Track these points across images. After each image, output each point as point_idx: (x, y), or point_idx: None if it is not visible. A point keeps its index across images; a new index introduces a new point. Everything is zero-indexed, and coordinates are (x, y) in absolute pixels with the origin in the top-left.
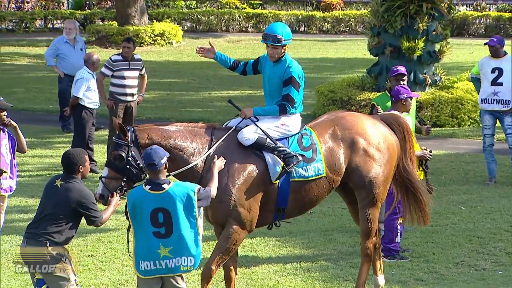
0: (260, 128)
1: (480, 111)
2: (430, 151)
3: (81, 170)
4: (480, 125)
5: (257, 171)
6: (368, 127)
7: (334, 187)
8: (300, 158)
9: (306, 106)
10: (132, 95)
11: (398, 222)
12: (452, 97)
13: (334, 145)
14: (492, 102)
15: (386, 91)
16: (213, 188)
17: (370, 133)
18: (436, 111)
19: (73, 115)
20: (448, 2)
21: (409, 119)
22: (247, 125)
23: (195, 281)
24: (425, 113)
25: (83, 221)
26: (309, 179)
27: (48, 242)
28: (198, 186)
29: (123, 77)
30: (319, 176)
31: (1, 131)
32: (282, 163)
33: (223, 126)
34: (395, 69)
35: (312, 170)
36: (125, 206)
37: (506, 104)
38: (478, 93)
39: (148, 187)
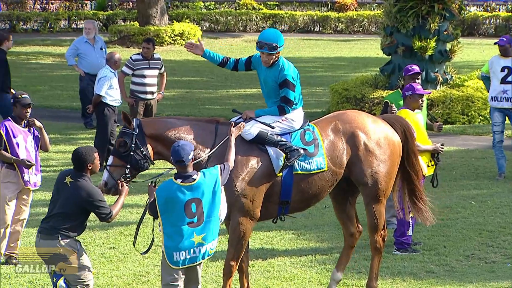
0: (262, 122)
1: (490, 109)
2: (442, 145)
3: (90, 167)
4: (490, 122)
5: (260, 163)
6: (369, 123)
7: (337, 179)
8: (301, 151)
9: (321, 103)
10: (152, 93)
11: (410, 216)
12: (462, 95)
13: (335, 138)
14: (502, 100)
15: (399, 89)
16: (230, 159)
17: (370, 128)
18: (447, 108)
19: (96, 112)
20: (459, 3)
21: (421, 116)
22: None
23: (213, 273)
24: (437, 111)
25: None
26: (312, 172)
27: (59, 236)
28: (219, 168)
29: (143, 76)
30: (321, 170)
31: (27, 128)
32: (284, 156)
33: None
34: (410, 68)
35: (314, 163)
36: (148, 203)
37: None
38: (488, 91)
39: (179, 180)
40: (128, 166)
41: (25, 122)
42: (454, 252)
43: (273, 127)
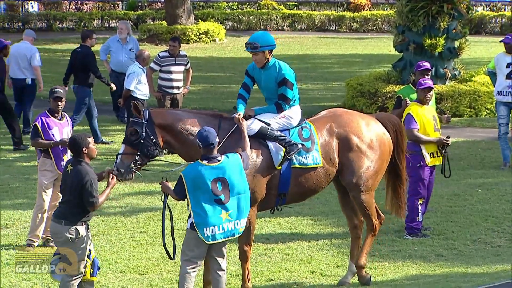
0: (262, 120)
1: (495, 102)
2: (447, 137)
3: (86, 152)
4: (496, 115)
5: (261, 157)
6: (362, 126)
7: (331, 177)
8: (300, 146)
9: (336, 97)
10: (178, 87)
11: (419, 203)
12: (470, 89)
13: (329, 139)
14: (507, 94)
15: (410, 84)
16: (247, 148)
17: (363, 131)
18: (455, 102)
19: (126, 105)
20: (467, 3)
21: (431, 109)
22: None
23: (236, 256)
24: (445, 104)
25: (136, 201)
26: (308, 166)
27: (63, 221)
28: (238, 154)
29: (170, 72)
30: (317, 165)
31: (64, 119)
32: (284, 150)
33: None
34: (421, 64)
35: (310, 158)
36: (164, 199)
37: None
38: (494, 86)
39: (205, 161)
40: (139, 154)
41: (61, 114)
42: (462, 237)
43: (271, 124)
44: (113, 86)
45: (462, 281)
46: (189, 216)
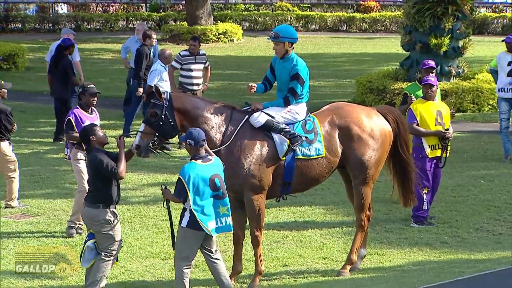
0: (268, 114)
1: (497, 99)
2: (446, 129)
3: (94, 139)
4: (497, 110)
5: (266, 148)
6: (362, 117)
7: (333, 167)
8: (303, 138)
9: (347, 94)
10: (198, 84)
11: (424, 192)
12: (473, 86)
13: (331, 130)
14: (508, 91)
15: (416, 81)
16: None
17: (364, 121)
18: (459, 98)
19: (147, 101)
20: (470, 5)
21: (437, 104)
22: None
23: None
24: (450, 100)
25: (158, 191)
26: (311, 157)
27: (100, 206)
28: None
29: (190, 70)
30: (320, 156)
31: (93, 113)
32: (288, 141)
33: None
34: (426, 62)
35: (313, 150)
36: (165, 204)
37: None
38: (496, 83)
39: (199, 161)
40: (157, 134)
41: (92, 108)
42: (465, 225)
43: (277, 117)
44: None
45: (465, 267)
46: (183, 215)
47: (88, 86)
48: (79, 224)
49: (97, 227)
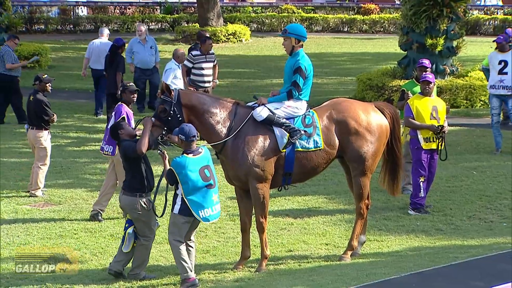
0: (270, 109)
1: (489, 95)
2: (441, 126)
3: (122, 133)
4: (489, 106)
5: (268, 140)
6: (359, 111)
7: (331, 158)
8: (302, 132)
9: (348, 91)
10: (209, 81)
11: (420, 180)
12: (466, 83)
13: (329, 124)
14: (499, 88)
15: (413, 79)
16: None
17: (360, 115)
18: (453, 95)
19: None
20: (463, 7)
21: (433, 100)
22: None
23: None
24: (444, 97)
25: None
26: (310, 150)
27: (137, 194)
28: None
29: (202, 68)
30: (318, 148)
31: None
32: (288, 135)
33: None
34: (420, 61)
35: (312, 143)
36: (164, 172)
37: (510, 89)
38: (488, 81)
39: (190, 155)
40: (166, 129)
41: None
42: (459, 214)
43: (278, 112)
44: None
45: (459, 252)
46: (175, 201)
47: (128, 84)
48: (98, 210)
49: (135, 214)
